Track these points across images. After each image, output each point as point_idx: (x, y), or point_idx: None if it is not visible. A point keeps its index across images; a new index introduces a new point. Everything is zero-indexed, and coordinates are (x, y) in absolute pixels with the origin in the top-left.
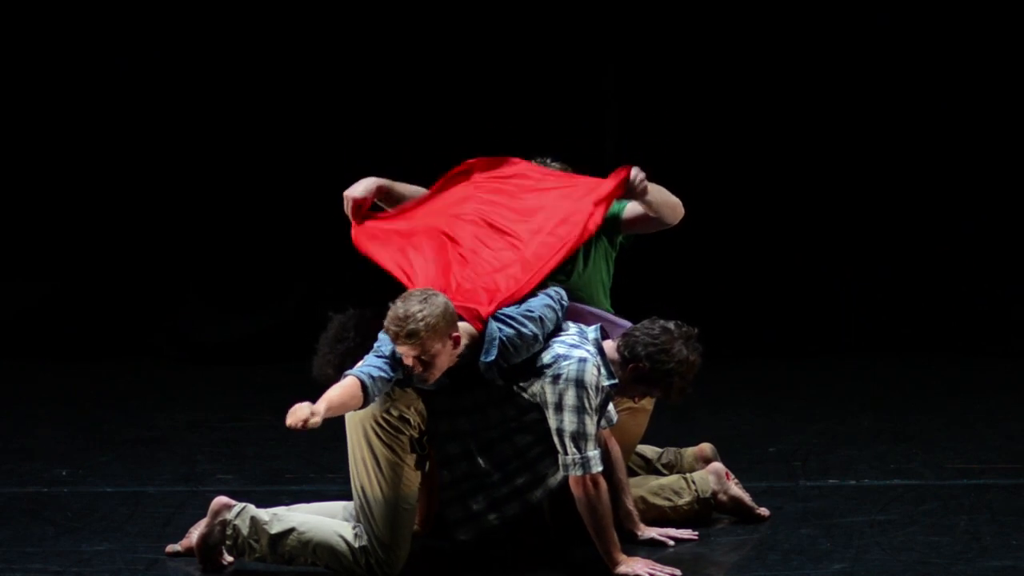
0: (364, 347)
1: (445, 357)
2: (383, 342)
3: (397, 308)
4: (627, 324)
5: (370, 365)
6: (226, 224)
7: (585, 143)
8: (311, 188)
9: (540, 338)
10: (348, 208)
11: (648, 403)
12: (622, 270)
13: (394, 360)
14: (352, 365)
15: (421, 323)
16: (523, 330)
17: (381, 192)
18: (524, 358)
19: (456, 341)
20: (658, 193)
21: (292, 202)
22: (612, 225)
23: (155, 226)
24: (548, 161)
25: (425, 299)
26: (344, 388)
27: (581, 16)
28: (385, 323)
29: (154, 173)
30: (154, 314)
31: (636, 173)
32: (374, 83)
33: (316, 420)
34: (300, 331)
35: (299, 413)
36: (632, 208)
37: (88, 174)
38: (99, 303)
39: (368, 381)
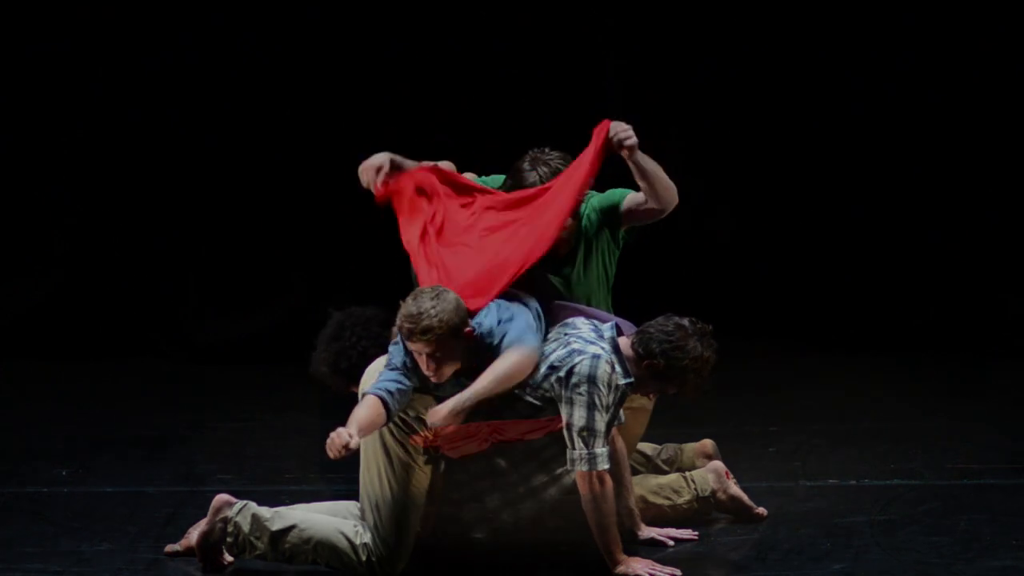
0: (359, 346)
1: (457, 354)
2: (394, 354)
3: (409, 306)
4: (613, 319)
5: (386, 380)
6: (227, 224)
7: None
8: (312, 187)
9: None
10: (369, 178)
11: (648, 403)
12: (622, 267)
13: (407, 370)
14: (346, 363)
15: (435, 319)
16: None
17: (393, 165)
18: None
19: (468, 337)
20: (653, 165)
21: (292, 202)
22: (612, 218)
23: (156, 226)
24: (546, 151)
25: (437, 295)
26: (368, 407)
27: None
28: (398, 321)
29: (155, 173)
30: (154, 314)
31: (616, 126)
32: (372, 77)
33: (355, 442)
34: (300, 331)
35: (337, 442)
36: (631, 198)
37: (89, 174)
38: (99, 303)
39: (387, 397)
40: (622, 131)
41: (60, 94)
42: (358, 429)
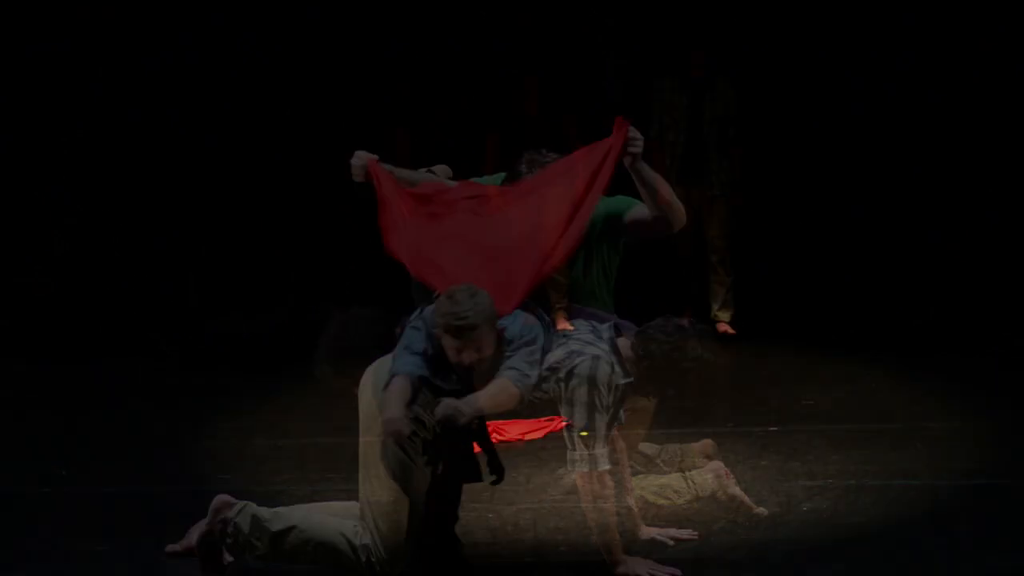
0: (362, 347)
1: (491, 346)
2: (414, 339)
3: (449, 305)
4: (612, 319)
5: (410, 364)
6: (226, 224)
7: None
8: (311, 188)
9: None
10: (359, 165)
11: (650, 404)
12: (622, 266)
13: (426, 357)
14: (347, 364)
15: (479, 317)
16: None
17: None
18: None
19: (500, 335)
20: (663, 185)
21: (293, 203)
22: (615, 226)
23: (156, 226)
24: (543, 152)
25: (474, 294)
26: (403, 388)
27: None
28: (436, 319)
29: (154, 173)
30: (154, 314)
31: (633, 130)
32: (372, 77)
33: (406, 424)
34: (300, 331)
35: (399, 436)
36: (637, 210)
37: (89, 174)
38: (99, 303)
39: (416, 379)
40: (634, 138)
41: (60, 94)
42: (402, 407)
